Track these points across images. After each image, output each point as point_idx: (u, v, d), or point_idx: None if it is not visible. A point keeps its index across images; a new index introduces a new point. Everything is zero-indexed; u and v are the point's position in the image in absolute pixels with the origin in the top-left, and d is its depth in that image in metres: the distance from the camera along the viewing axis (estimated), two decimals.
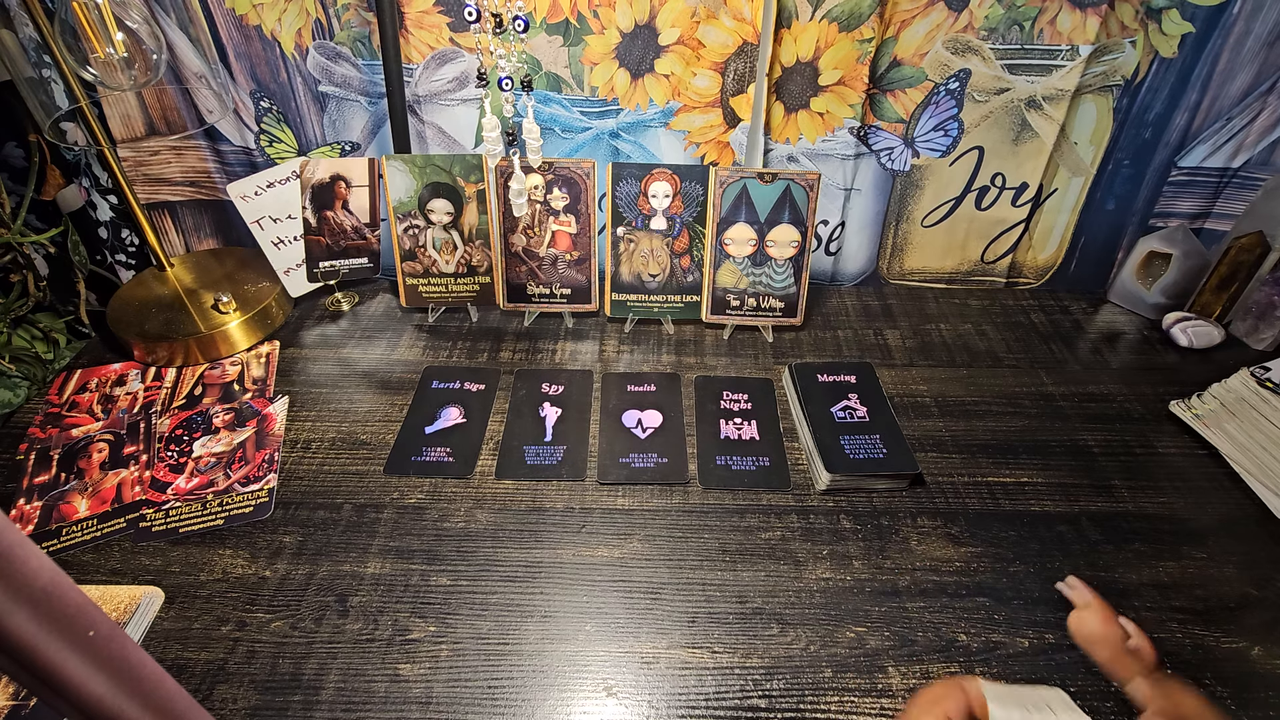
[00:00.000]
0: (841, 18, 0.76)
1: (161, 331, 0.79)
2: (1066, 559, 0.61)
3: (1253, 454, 0.68)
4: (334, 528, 0.63)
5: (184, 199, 0.92)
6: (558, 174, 0.80)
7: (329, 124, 0.86)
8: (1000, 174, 0.87)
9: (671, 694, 0.52)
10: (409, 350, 0.83)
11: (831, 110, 0.82)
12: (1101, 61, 0.79)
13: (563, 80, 0.81)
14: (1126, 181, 0.87)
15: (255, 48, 0.81)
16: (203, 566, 0.60)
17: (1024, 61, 0.79)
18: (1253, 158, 0.82)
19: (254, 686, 0.52)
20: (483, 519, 0.64)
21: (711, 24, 0.77)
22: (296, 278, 0.87)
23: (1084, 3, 0.75)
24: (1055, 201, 0.89)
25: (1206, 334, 0.82)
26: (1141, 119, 0.83)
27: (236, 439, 0.71)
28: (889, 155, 0.86)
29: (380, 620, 0.56)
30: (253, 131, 0.86)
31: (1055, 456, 0.70)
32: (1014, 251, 0.92)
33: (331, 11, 0.78)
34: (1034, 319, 0.89)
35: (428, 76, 0.82)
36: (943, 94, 0.81)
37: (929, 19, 0.77)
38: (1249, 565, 0.60)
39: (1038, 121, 0.82)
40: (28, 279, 0.81)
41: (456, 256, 0.84)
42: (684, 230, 0.82)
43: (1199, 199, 0.87)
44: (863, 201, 0.89)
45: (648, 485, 0.67)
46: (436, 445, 0.71)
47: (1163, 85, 0.80)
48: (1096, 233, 0.91)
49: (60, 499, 0.65)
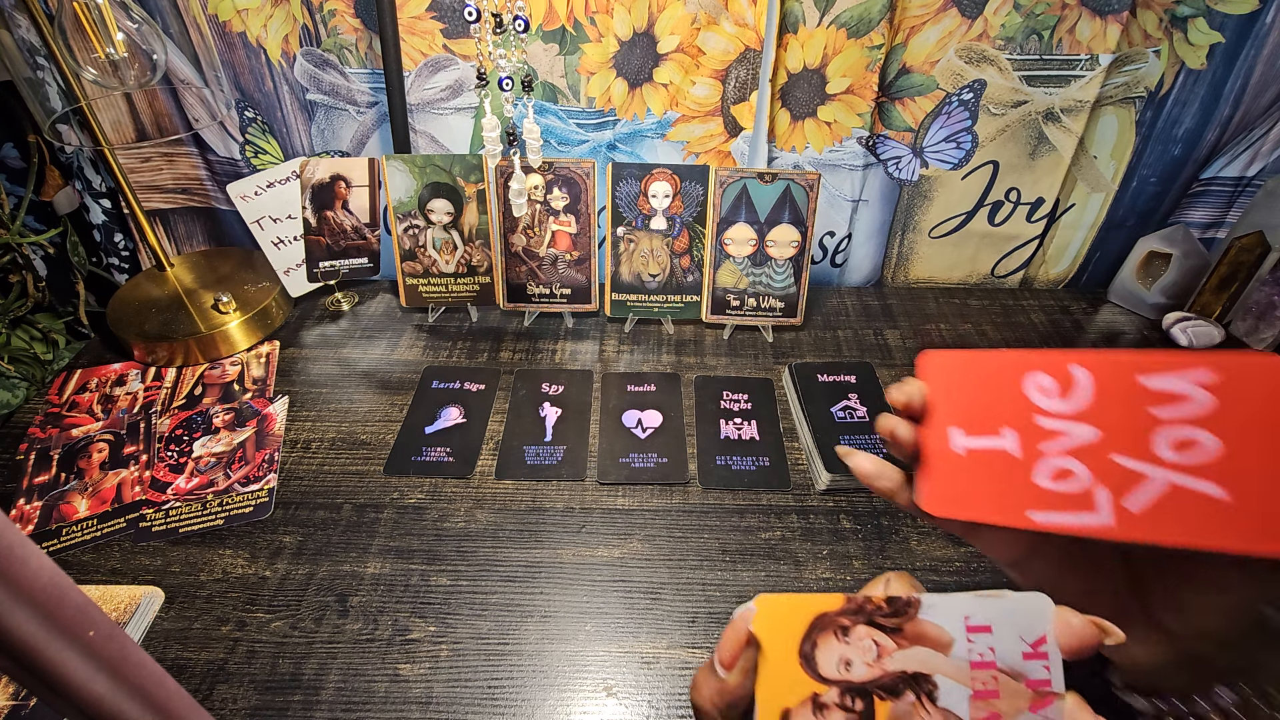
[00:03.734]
0: (850, 23, 0.74)
1: (161, 331, 0.79)
2: None
3: None
4: (334, 528, 0.63)
5: (176, 206, 0.91)
6: (558, 174, 0.80)
7: (317, 133, 0.85)
8: (1015, 189, 0.85)
9: (671, 694, 0.52)
10: (409, 350, 0.83)
11: (839, 119, 0.81)
12: (1123, 72, 0.76)
13: (559, 90, 0.80)
14: (1151, 199, 0.85)
15: (239, 55, 0.79)
16: (203, 566, 0.60)
17: (1042, 72, 0.77)
18: (1267, 166, 0.81)
19: (254, 686, 0.52)
20: (483, 519, 0.64)
21: (712, 30, 0.75)
22: (296, 278, 0.87)
23: (1104, 10, 0.73)
24: (1072, 217, 0.87)
25: (1206, 334, 0.82)
26: (1169, 134, 0.80)
27: (236, 439, 0.71)
28: (896, 165, 0.85)
29: (380, 620, 0.56)
30: (237, 142, 0.85)
31: None
32: (1026, 267, 0.91)
33: (319, 17, 0.77)
34: (1034, 319, 0.88)
35: (420, 84, 0.81)
36: (955, 104, 0.80)
37: (940, 25, 0.75)
38: None
39: (1055, 135, 0.81)
40: (27, 280, 0.81)
41: (456, 256, 0.84)
42: (684, 230, 0.82)
43: (1213, 208, 0.86)
44: (869, 211, 0.88)
45: (648, 485, 0.67)
46: (436, 445, 0.71)
47: (1191, 98, 0.77)
48: (1113, 246, 0.90)
49: (60, 499, 0.65)
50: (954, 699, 0.26)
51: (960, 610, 0.27)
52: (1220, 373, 0.26)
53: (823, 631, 0.27)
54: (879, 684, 0.26)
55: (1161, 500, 0.26)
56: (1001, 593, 0.27)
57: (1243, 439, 0.25)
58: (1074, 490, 0.27)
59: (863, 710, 0.26)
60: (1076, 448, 0.28)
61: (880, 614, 0.27)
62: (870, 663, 0.27)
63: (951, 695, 0.26)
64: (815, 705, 0.26)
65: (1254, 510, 0.25)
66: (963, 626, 0.27)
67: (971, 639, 0.27)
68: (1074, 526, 0.27)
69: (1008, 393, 0.29)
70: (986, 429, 0.29)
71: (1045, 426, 0.28)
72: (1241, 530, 0.25)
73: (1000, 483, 0.29)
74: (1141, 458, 0.27)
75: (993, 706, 0.26)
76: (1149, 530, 0.26)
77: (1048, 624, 0.26)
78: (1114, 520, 0.27)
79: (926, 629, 0.27)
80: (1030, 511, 0.28)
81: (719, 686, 0.28)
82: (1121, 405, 0.27)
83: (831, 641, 0.27)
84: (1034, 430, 0.28)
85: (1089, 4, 0.73)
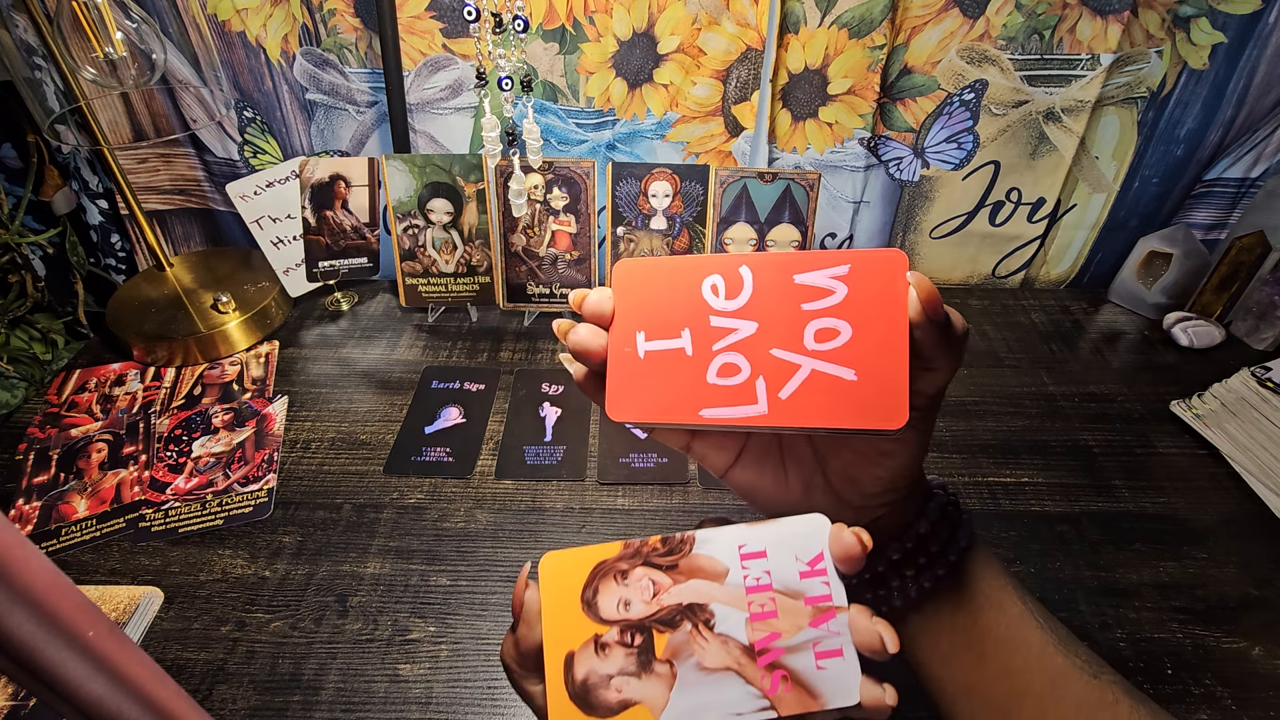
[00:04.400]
0: (852, 23, 0.73)
1: (161, 331, 0.79)
2: (1067, 559, 0.61)
3: (1253, 454, 0.68)
4: (333, 528, 0.63)
5: (173, 208, 0.91)
6: (557, 174, 0.80)
7: (317, 132, 0.85)
8: (1016, 189, 0.85)
9: None
10: (409, 350, 0.83)
11: (841, 120, 0.80)
12: (1125, 72, 0.76)
13: (558, 90, 0.80)
14: (1154, 200, 0.85)
15: (239, 55, 0.79)
16: (202, 567, 0.60)
17: (1043, 72, 0.77)
18: (1271, 167, 0.81)
19: (253, 686, 0.52)
20: (482, 519, 0.64)
21: (713, 30, 0.75)
22: (296, 277, 0.86)
23: (1105, 10, 0.72)
24: (1074, 217, 0.87)
25: (1207, 334, 0.82)
26: (1170, 134, 0.80)
27: (236, 439, 0.71)
28: (897, 165, 0.85)
29: (380, 620, 0.56)
30: (236, 142, 0.85)
31: (1056, 456, 0.70)
32: (1028, 268, 0.91)
33: (318, 16, 0.77)
34: (1034, 319, 0.88)
35: (419, 84, 0.81)
36: (956, 105, 0.80)
37: (942, 25, 0.75)
38: (1249, 565, 0.60)
39: (1056, 134, 0.80)
40: (26, 280, 0.80)
41: (456, 256, 0.84)
42: (684, 230, 0.82)
43: (1216, 210, 0.86)
44: (870, 213, 0.88)
45: (647, 485, 0.67)
46: (436, 445, 0.71)
47: (1193, 99, 0.77)
48: (1115, 247, 0.89)
49: (59, 499, 0.65)
50: (731, 624, 0.27)
51: (734, 540, 0.29)
52: (853, 265, 0.28)
53: (604, 578, 0.29)
54: (656, 618, 0.28)
55: (804, 387, 0.28)
56: (778, 520, 0.29)
57: (867, 324, 0.27)
58: (738, 384, 0.29)
59: (641, 644, 0.27)
60: (740, 342, 0.29)
61: (655, 554, 0.29)
62: (647, 600, 0.28)
63: (728, 620, 0.27)
64: (597, 645, 0.28)
65: (873, 390, 0.27)
66: (737, 555, 0.28)
67: (746, 565, 0.28)
68: (736, 419, 0.29)
69: (687, 295, 0.30)
70: (667, 332, 0.30)
71: (717, 325, 0.30)
72: (865, 409, 0.27)
73: (677, 383, 0.30)
74: (793, 349, 0.28)
75: (771, 626, 0.27)
76: (793, 415, 0.28)
77: (823, 542, 0.28)
78: (768, 409, 0.28)
79: (701, 562, 0.29)
80: (703, 410, 0.29)
81: (513, 640, 0.30)
82: (778, 301, 0.29)
83: (611, 586, 0.29)
84: (707, 330, 0.30)
85: (1089, 3, 0.73)
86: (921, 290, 0.27)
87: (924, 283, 0.27)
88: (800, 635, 0.27)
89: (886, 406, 0.27)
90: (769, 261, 0.29)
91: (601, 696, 0.27)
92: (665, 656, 0.27)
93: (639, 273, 0.31)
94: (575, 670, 0.27)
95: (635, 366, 0.30)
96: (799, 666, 0.26)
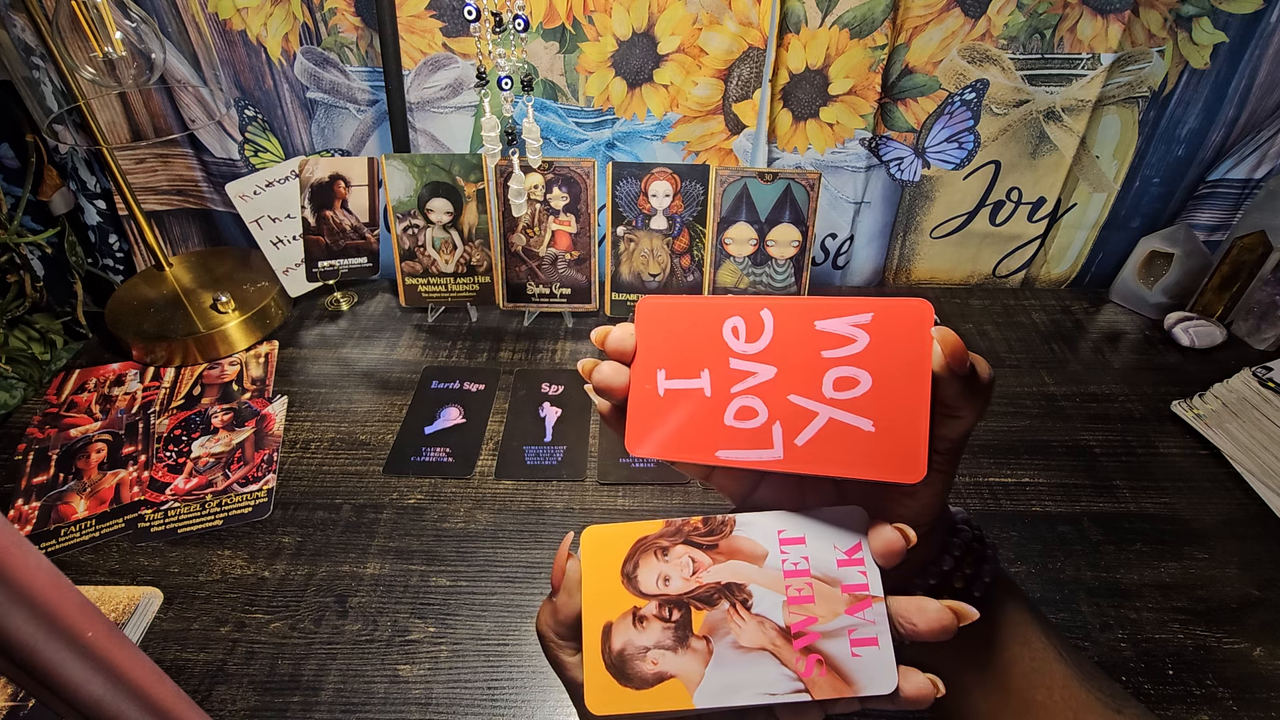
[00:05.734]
0: (853, 24, 0.73)
1: (160, 331, 0.78)
2: (1068, 559, 0.61)
3: (1254, 454, 0.68)
4: (333, 528, 0.63)
5: (171, 208, 0.91)
6: (557, 173, 0.80)
7: (317, 131, 0.85)
8: (1017, 188, 0.85)
9: None
10: (408, 350, 0.83)
11: (842, 120, 0.80)
12: (1126, 71, 0.76)
13: (558, 89, 0.80)
14: (1156, 200, 0.85)
15: (239, 54, 0.79)
16: (201, 567, 0.60)
17: (1044, 72, 0.76)
18: (1275, 168, 0.81)
19: (253, 687, 0.52)
20: (482, 519, 0.64)
21: (714, 30, 0.75)
22: (295, 277, 0.86)
23: (1106, 9, 0.72)
24: (1074, 217, 0.87)
25: (1208, 334, 0.82)
26: (1172, 134, 0.80)
27: (235, 439, 0.71)
28: (898, 165, 0.85)
29: (379, 621, 0.56)
30: (236, 141, 0.85)
31: (1056, 457, 0.70)
32: (1028, 267, 0.91)
33: (319, 15, 0.77)
34: (1035, 319, 0.88)
35: (420, 83, 0.80)
36: (958, 104, 0.80)
37: (943, 25, 0.75)
38: (1251, 566, 0.60)
39: (1056, 134, 0.80)
40: (24, 280, 0.80)
41: (456, 256, 0.84)
42: (684, 230, 0.82)
43: (1220, 211, 0.86)
44: (871, 213, 0.88)
45: (648, 485, 0.67)
46: (436, 445, 0.71)
47: (1195, 98, 0.77)
48: (1116, 247, 0.89)
49: (59, 499, 0.65)
50: (768, 605, 0.28)
51: (774, 525, 0.29)
52: (876, 313, 0.28)
53: (644, 553, 0.29)
54: (695, 595, 0.28)
55: (821, 434, 0.28)
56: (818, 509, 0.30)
57: (888, 375, 0.27)
58: (754, 427, 0.29)
59: (679, 619, 0.28)
60: (759, 386, 0.29)
61: (696, 534, 0.30)
62: (687, 577, 0.29)
63: (765, 602, 0.28)
64: (635, 617, 0.28)
65: (891, 442, 0.27)
66: (776, 540, 0.29)
67: (785, 550, 0.29)
68: (752, 462, 0.29)
69: (708, 336, 0.30)
70: (687, 372, 0.30)
71: (736, 368, 0.30)
72: (882, 461, 0.27)
73: (694, 423, 0.30)
74: (811, 396, 0.28)
75: (808, 611, 0.28)
76: (809, 462, 0.28)
77: (861, 533, 0.29)
78: (783, 454, 0.28)
79: (741, 544, 0.29)
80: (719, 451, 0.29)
81: (551, 608, 0.30)
82: (798, 346, 0.29)
83: (652, 561, 0.29)
84: (726, 372, 0.30)
85: (1091, 3, 0.73)
86: (946, 344, 0.26)
87: (948, 336, 0.26)
88: (836, 621, 0.27)
89: (904, 459, 0.27)
90: (791, 306, 0.29)
91: (637, 668, 0.27)
92: (702, 633, 0.28)
93: (661, 311, 0.31)
94: (613, 640, 0.28)
95: (655, 404, 0.30)
96: (834, 652, 0.27)
